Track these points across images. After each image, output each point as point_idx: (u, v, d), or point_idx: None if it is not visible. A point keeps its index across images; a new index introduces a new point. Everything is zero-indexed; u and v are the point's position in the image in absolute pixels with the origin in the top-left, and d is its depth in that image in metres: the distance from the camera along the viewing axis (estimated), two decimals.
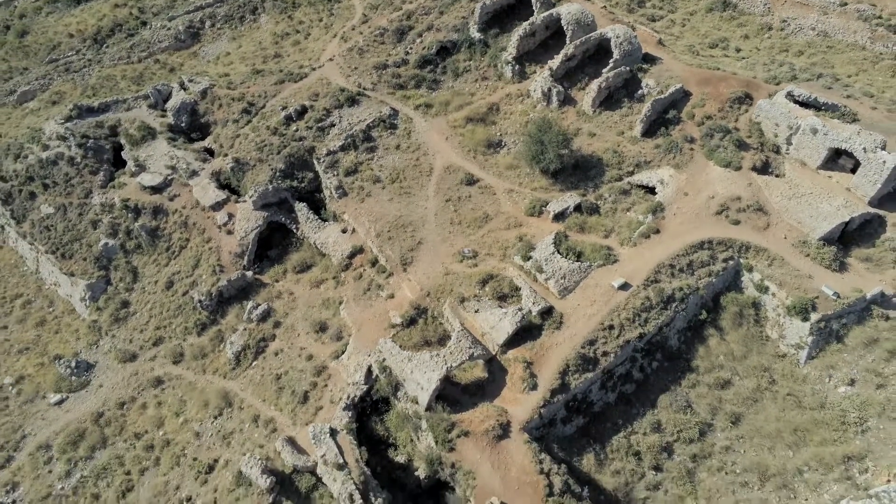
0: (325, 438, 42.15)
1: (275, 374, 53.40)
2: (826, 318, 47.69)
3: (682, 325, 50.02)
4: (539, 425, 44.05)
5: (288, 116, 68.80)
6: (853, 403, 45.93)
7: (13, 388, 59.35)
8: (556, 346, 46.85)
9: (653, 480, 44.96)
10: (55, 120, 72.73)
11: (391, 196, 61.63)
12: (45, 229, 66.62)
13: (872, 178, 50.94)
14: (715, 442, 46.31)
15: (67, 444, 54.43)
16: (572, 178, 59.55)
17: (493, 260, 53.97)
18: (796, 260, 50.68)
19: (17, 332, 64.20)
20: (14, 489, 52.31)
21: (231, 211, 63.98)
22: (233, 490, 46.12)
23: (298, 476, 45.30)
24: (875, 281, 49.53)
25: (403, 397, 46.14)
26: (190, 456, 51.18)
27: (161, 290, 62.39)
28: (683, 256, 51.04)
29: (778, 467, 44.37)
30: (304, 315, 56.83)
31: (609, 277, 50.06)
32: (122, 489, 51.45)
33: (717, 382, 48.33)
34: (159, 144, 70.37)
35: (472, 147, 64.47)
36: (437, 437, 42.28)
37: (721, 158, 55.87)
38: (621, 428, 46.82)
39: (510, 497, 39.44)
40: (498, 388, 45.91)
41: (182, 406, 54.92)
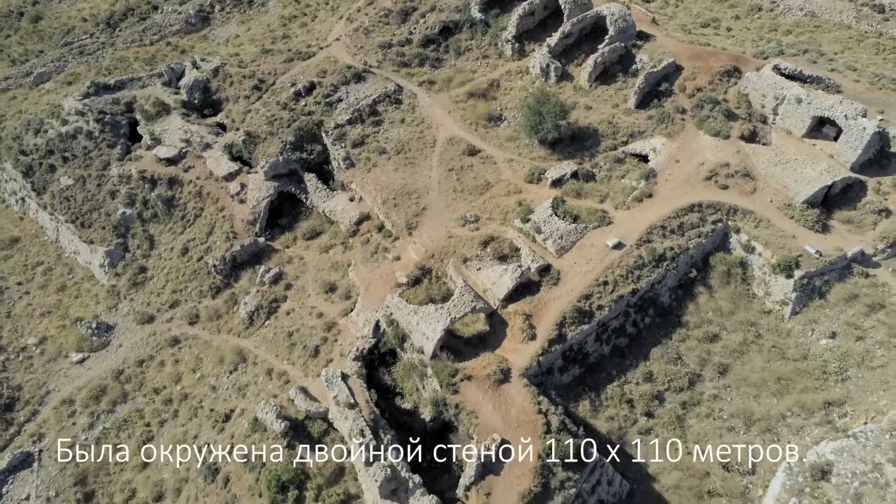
0: (337, 381, 44.11)
1: (287, 331, 55.33)
2: (809, 275, 49.68)
3: (673, 283, 51.98)
4: (537, 373, 46.00)
5: (297, 92, 70.70)
6: (834, 354, 47.94)
7: (37, 349, 61.30)
8: (553, 301, 48.81)
9: (645, 426, 47.02)
10: (73, 96, 74.61)
11: (396, 166, 63.52)
12: (65, 200, 68.49)
13: (853, 144, 52.80)
14: (703, 391, 48.29)
15: (90, 398, 56.40)
16: (569, 149, 61.42)
17: (493, 224, 55.84)
18: (781, 222, 52.61)
19: (39, 297, 66.11)
20: (40, 440, 54.30)
21: (243, 181, 65.89)
22: (249, 436, 48.08)
23: (311, 422, 47.28)
24: (856, 241, 51.44)
25: (410, 348, 48.09)
26: (207, 407, 53.14)
27: (177, 256, 64.33)
28: (674, 219, 52.98)
29: (762, 413, 46.41)
30: (314, 277, 58.76)
31: (604, 238, 52.00)
32: (143, 439, 53.50)
33: (706, 336, 50.30)
34: (173, 119, 72.27)
35: (473, 120, 66.34)
36: (441, 382, 44.28)
37: (711, 128, 57.76)
38: (615, 378, 48.82)
39: (510, 434, 41.44)
40: (499, 340, 47.81)
41: (198, 363, 56.88)
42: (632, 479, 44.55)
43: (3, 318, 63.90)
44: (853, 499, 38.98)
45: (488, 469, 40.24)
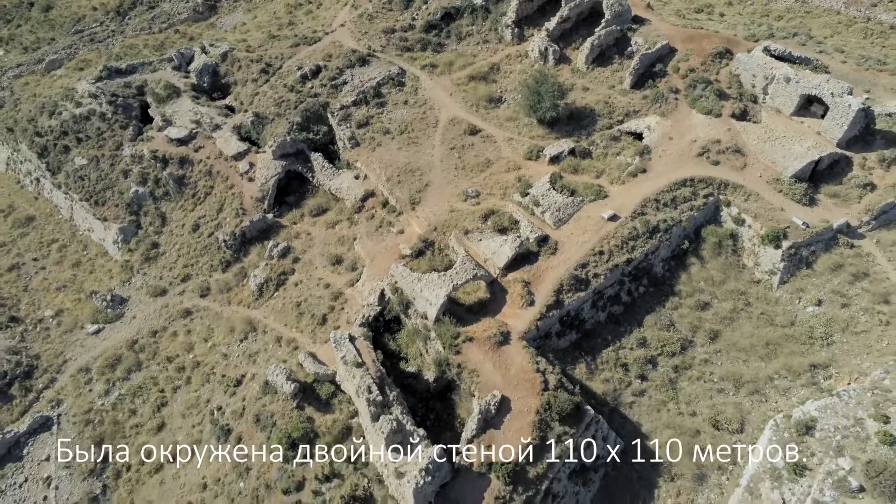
0: (345, 342, 45.58)
1: (295, 301, 56.82)
2: (796, 245, 51.22)
3: (666, 254, 53.46)
4: (536, 336, 47.50)
5: (303, 75, 72.17)
6: (820, 321, 49.51)
7: (53, 320, 62.79)
8: (551, 269, 50.32)
9: (638, 388, 48.56)
10: (87, 80, 76.02)
11: (400, 145, 64.96)
12: (79, 179, 69.91)
13: (840, 121, 54.24)
14: (695, 355, 49.82)
15: (105, 367, 57.93)
16: (567, 128, 62.88)
17: (494, 198, 57.29)
18: (770, 195, 54.13)
19: (55, 272, 67.59)
20: (58, 405, 55.80)
21: (252, 161, 67.34)
22: (260, 398, 49.60)
23: (319, 385, 48.78)
24: (842, 214, 52.99)
25: (414, 314, 49.58)
26: (219, 373, 54.65)
27: (188, 233, 65.81)
28: (668, 192, 54.50)
29: (751, 376, 47.94)
30: (321, 251, 60.23)
31: (600, 210, 53.50)
32: (157, 404, 55.03)
33: (698, 304, 51.84)
34: (184, 102, 73.67)
35: (474, 102, 67.79)
36: (444, 344, 45.79)
37: (703, 107, 59.23)
38: (610, 343, 50.32)
39: (510, 391, 42.97)
40: (499, 306, 49.29)
41: (210, 333, 58.39)
42: (626, 437, 46.02)
43: (21, 292, 65.44)
44: (835, 450, 40.53)
45: (489, 423, 41.78)
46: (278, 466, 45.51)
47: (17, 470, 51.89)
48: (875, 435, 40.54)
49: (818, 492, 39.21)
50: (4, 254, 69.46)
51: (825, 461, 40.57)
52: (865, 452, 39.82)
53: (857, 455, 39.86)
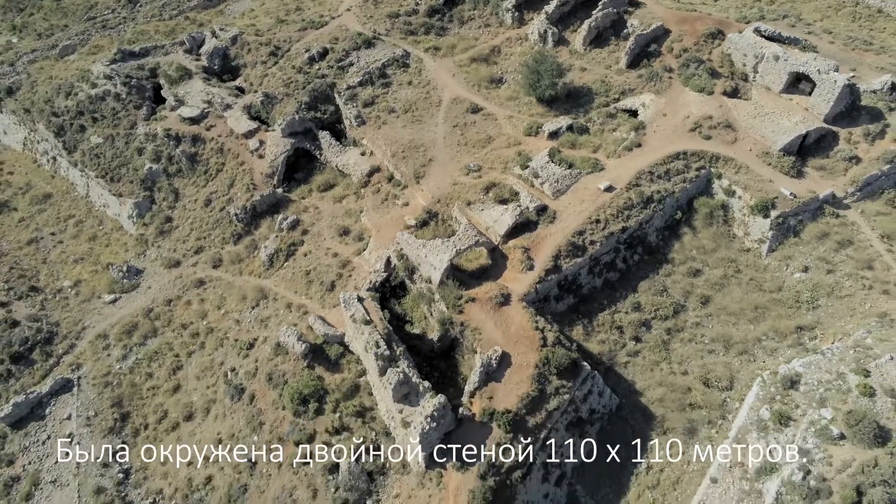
0: (354, 301, 47.26)
1: (304, 270, 58.47)
2: (784, 214, 52.89)
3: (660, 224, 55.08)
4: (535, 299, 49.17)
5: (311, 57, 73.75)
6: (806, 286, 51.22)
7: (72, 290, 64.45)
8: (549, 237, 51.98)
9: (633, 349, 50.23)
10: (101, 62, 77.55)
11: (405, 123, 66.54)
12: (95, 157, 71.46)
13: (826, 96, 55.83)
14: (687, 319, 51.49)
15: (122, 333, 59.60)
16: (565, 106, 64.48)
17: (495, 172, 58.86)
18: (760, 168, 55.75)
19: (72, 245, 69.21)
20: (78, 368, 57.47)
21: (262, 138, 68.90)
22: (272, 359, 51.31)
23: (328, 346, 50.52)
24: (828, 185, 54.64)
25: (419, 279, 51.25)
26: (232, 338, 56.33)
27: (200, 207, 67.41)
28: (661, 165, 56.12)
29: (740, 337, 49.64)
30: (329, 223, 61.84)
31: (596, 182, 55.12)
32: (173, 367, 56.73)
33: (690, 271, 53.49)
34: (195, 83, 75.24)
35: (476, 82, 69.38)
36: (448, 304, 47.48)
37: (696, 84, 60.84)
38: (606, 307, 51.98)
39: (510, 347, 44.67)
40: (500, 272, 50.95)
41: (222, 301, 60.05)
42: (621, 393, 47.78)
43: (40, 264, 67.08)
44: (818, 402, 42.30)
45: (491, 377, 43.51)
46: (290, 420, 47.29)
47: (39, 428, 53.60)
48: (856, 387, 42.30)
49: (801, 440, 40.96)
50: (23, 229, 71.09)
51: (808, 412, 42.35)
52: (846, 403, 41.56)
53: (838, 406, 41.62)
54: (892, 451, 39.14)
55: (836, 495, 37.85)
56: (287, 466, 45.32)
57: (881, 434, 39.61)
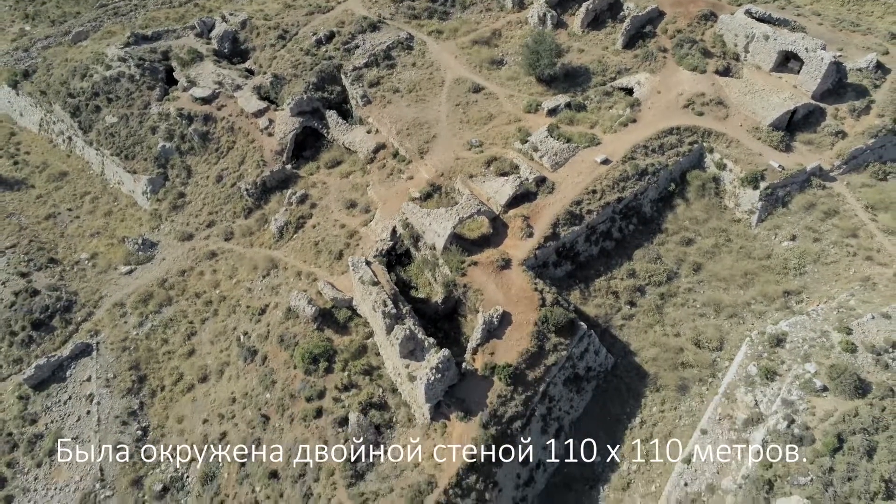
0: (362, 264, 48.87)
1: (313, 241, 60.05)
2: (773, 186, 54.53)
3: (654, 196, 56.72)
4: (534, 264, 50.81)
5: (318, 40, 75.31)
6: (794, 254, 52.86)
7: (89, 262, 66.04)
8: (548, 206, 53.62)
9: (627, 312, 51.93)
10: (115, 45, 79.09)
11: (409, 103, 68.12)
12: (110, 136, 73.03)
13: (814, 74, 57.40)
14: (679, 285, 53.15)
15: (138, 302, 61.19)
16: (563, 85, 66.05)
17: (496, 147, 60.46)
18: (750, 142, 57.37)
19: (88, 220, 70.80)
20: (97, 334, 59.06)
21: (271, 117, 70.45)
22: (283, 322, 52.98)
23: (337, 310, 52.17)
24: (815, 158, 56.25)
25: (423, 246, 52.91)
26: (244, 305, 57.94)
27: (212, 183, 68.99)
28: (656, 140, 57.72)
29: (730, 301, 51.31)
30: (336, 197, 63.44)
31: (593, 155, 56.72)
32: (187, 333, 58.34)
33: (683, 240, 55.13)
34: (206, 65, 76.77)
35: (477, 63, 70.95)
36: (451, 268, 49.16)
37: (689, 63, 62.42)
38: (602, 274, 53.67)
39: (511, 307, 46.37)
40: (500, 239, 52.58)
41: (234, 271, 61.67)
42: (616, 354, 49.50)
43: (58, 238, 68.66)
44: (802, 358, 44.00)
45: (492, 334, 45.20)
46: (301, 378, 48.97)
47: (61, 389, 55.26)
48: (838, 344, 44.00)
49: (786, 392, 42.67)
50: (41, 205, 72.66)
51: (793, 367, 44.04)
52: (829, 359, 43.26)
53: (821, 361, 43.30)
54: (871, 402, 40.81)
55: (818, 442, 39.50)
56: (299, 421, 46.97)
57: (861, 386, 41.28)
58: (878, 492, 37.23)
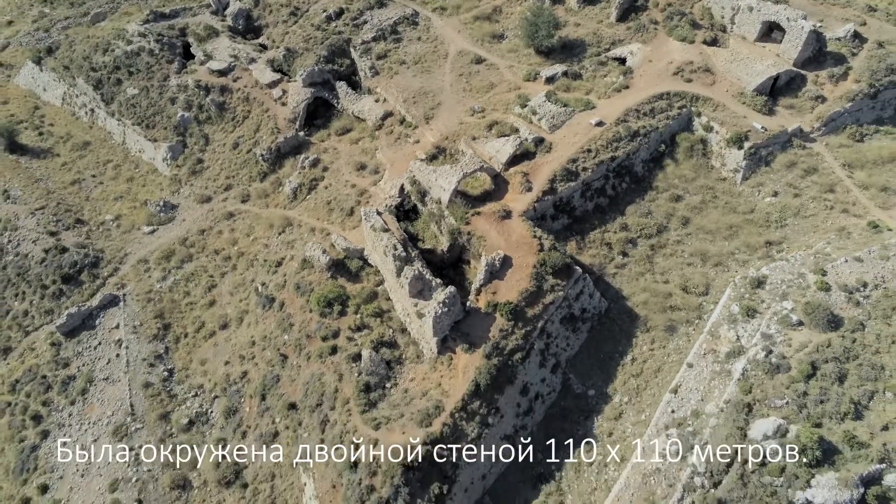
0: (373, 214, 51.38)
1: (325, 200, 62.55)
2: (756, 146, 57.00)
3: (645, 156, 59.17)
4: (533, 216, 53.25)
5: (328, 16, 77.68)
6: (775, 208, 55.35)
7: (114, 223, 68.55)
8: (546, 164, 56.10)
9: (620, 262, 54.40)
10: (135, 22, 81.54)
11: (415, 73, 70.52)
12: (131, 107, 75.50)
13: (795, 41, 59.79)
14: (669, 237, 55.57)
15: (161, 258, 63.71)
16: (561, 56, 68.39)
17: (497, 112, 62.81)
18: (735, 106, 59.80)
19: (112, 185, 73.27)
20: (123, 287, 61.60)
21: (284, 88, 72.90)
22: (299, 272, 55.51)
23: (349, 260, 54.75)
24: (796, 121, 58.70)
25: (430, 201, 55.39)
26: (261, 259, 60.46)
27: (229, 150, 71.49)
28: (647, 104, 60.10)
29: (716, 252, 53.74)
30: (347, 161, 65.89)
31: (588, 118, 59.13)
32: (208, 286, 60.88)
33: (672, 197, 57.51)
34: (222, 41, 79.16)
35: (479, 37, 73.32)
36: (456, 218, 51.69)
37: (678, 34, 64.84)
38: (597, 227, 56.04)
39: (511, 252, 48.89)
40: (501, 194, 55.01)
41: (251, 229, 64.15)
42: (609, 299, 51.97)
43: (83, 201, 71.14)
44: (780, 296, 46.61)
45: (494, 275, 47.76)
46: (317, 321, 51.57)
47: (91, 336, 57.85)
48: (814, 284, 46.62)
49: (765, 327, 45.30)
50: (66, 171, 75.05)
51: (772, 305, 46.68)
52: (805, 297, 45.87)
53: (798, 299, 45.93)
54: (843, 335, 43.48)
55: (794, 370, 42.12)
56: (315, 358, 49.58)
57: (834, 320, 43.96)
58: (848, 412, 39.92)
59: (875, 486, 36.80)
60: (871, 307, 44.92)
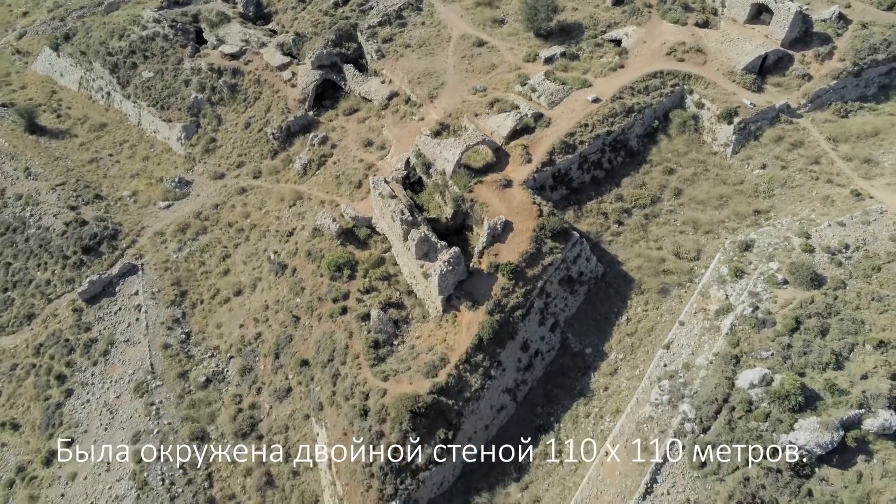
0: (381, 182, 52.91)
1: (334, 175, 64.08)
2: (745, 121, 58.55)
3: (639, 132, 60.67)
4: (533, 186, 54.75)
5: (336, 2, 79.26)
6: (764, 179, 56.86)
7: (131, 198, 70.16)
8: (545, 137, 57.64)
9: (616, 230, 55.93)
10: (150, 8, 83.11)
11: (419, 56, 72.01)
12: (146, 89, 77.08)
13: (782, 22, 61.28)
14: (662, 207, 57.08)
15: (177, 231, 65.33)
16: (559, 39, 69.83)
17: (498, 91, 64.20)
18: (725, 84, 61.31)
19: (128, 164, 74.85)
20: (141, 257, 63.27)
21: (294, 70, 74.37)
22: (310, 240, 57.11)
23: (357, 228, 56.38)
24: (783, 98, 60.32)
25: (434, 172, 56.95)
26: (273, 230, 62.06)
27: (241, 130, 73.06)
28: (641, 82, 61.59)
29: (707, 220, 55.26)
30: (354, 138, 67.41)
31: (585, 95, 60.62)
32: (222, 256, 62.49)
33: (665, 170, 59.02)
34: (233, 26, 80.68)
35: (481, 22, 74.75)
36: (460, 186, 53.27)
37: (671, 17, 66.36)
38: (593, 198, 57.56)
39: (512, 217, 50.46)
40: (502, 166, 56.45)
41: (263, 203, 65.73)
42: (605, 264, 53.53)
43: (102, 179, 72.73)
44: (767, 258, 48.27)
45: (496, 239, 49.38)
46: (328, 284, 53.20)
47: (111, 302, 59.53)
48: (798, 246, 48.26)
49: (752, 286, 46.93)
50: (84, 151, 76.60)
51: (759, 266, 48.34)
52: (790, 258, 47.51)
53: (783, 260, 47.58)
54: (825, 292, 45.11)
55: (778, 324, 43.75)
56: (326, 318, 51.23)
57: (817, 279, 45.58)
58: (830, 362, 41.54)
59: (854, 429, 38.46)
60: (853, 267, 46.57)
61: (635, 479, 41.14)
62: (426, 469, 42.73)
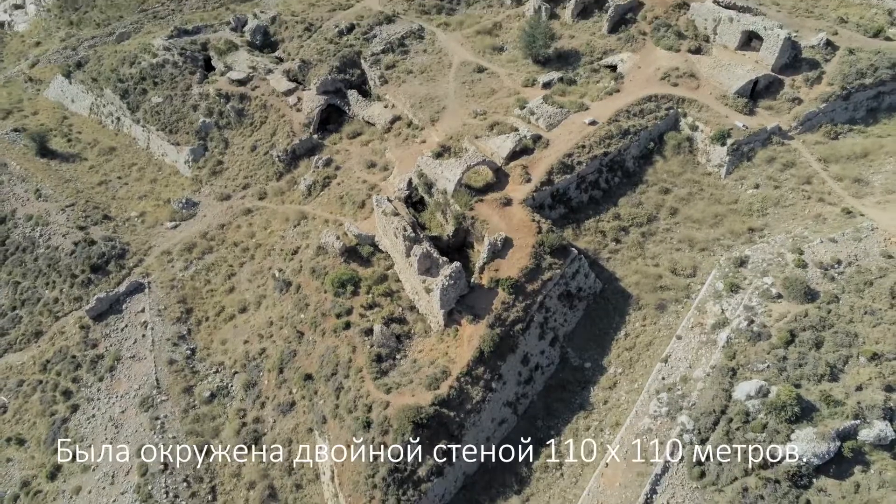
0: (384, 200, 53.61)
1: (338, 195, 64.78)
2: (738, 143, 59.51)
3: (636, 153, 61.59)
4: (532, 205, 55.30)
5: (340, 31, 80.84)
6: (757, 199, 57.62)
7: (138, 219, 70.80)
8: (544, 158, 58.49)
9: (613, 248, 56.41)
10: (160, 37, 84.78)
11: (421, 82, 73.37)
12: (156, 114, 78.30)
13: (772, 49, 62.62)
14: (658, 225, 57.65)
15: (183, 250, 65.80)
16: (556, 65, 71.30)
17: (498, 115, 65.27)
18: (718, 107, 62.39)
19: (136, 186, 75.67)
20: (148, 275, 63.70)
21: (299, 96, 75.59)
22: (314, 258, 57.56)
23: (361, 246, 56.92)
24: (775, 120, 61.38)
25: (436, 192, 57.57)
26: (278, 249, 62.61)
27: (247, 153, 74.04)
28: (637, 106, 62.66)
29: (702, 238, 55.81)
30: (358, 160, 68.26)
31: (582, 118, 61.59)
32: (227, 274, 62.87)
33: (661, 190, 59.71)
34: (241, 54, 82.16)
35: (481, 49, 76.33)
36: (461, 204, 53.95)
37: (665, 44, 67.79)
38: (591, 217, 58.14)
39: (512, 233, 51.02)
40: (503, 186, 57.11)
41: (268, 223, 66.33)
42: (603, 280, 53.91)
43: (110, 200, 73.48)
44: (761, 273, 48.83)
45: (496, 255, 49.88)
46: (332, 300, 53.59)
47: (118, 319, 59.79)
48: (792, 262, 48.82)
49: (748, 300, 47.40)
50: (94, 173, 77.50)
51: (754, 281, 48.87)
52: (784, 273, 48.04)
53: (777, 275, 48.11)
54: (819, 306, 45.57)
55: (774, 337, 44.15)
56: (330, 333, 51.50)
57: (811, 293, 46.09)
58: (825, 374, 41.90)
59: (850, 440, 38.60)
60: (845, 282, 47.09)
61: (635, 489, 41.13)
62: (428, 480, 42.73)
